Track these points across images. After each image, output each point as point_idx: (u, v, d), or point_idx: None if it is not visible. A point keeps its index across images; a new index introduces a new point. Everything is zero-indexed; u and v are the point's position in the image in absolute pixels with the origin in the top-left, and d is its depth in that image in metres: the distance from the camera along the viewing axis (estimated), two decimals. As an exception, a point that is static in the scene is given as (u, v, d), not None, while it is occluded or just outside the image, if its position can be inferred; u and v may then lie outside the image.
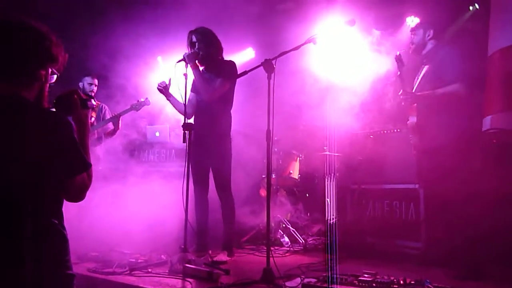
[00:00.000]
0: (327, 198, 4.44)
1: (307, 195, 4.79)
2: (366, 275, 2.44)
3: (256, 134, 3.76)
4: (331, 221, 4.16)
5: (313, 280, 2.46)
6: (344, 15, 4.50)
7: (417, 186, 3.41)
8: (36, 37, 1.49)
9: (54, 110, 1.62)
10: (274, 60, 2.74)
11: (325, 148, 4.47)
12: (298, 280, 2.56)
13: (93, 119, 4.99)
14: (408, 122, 3.27)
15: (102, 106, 5.08)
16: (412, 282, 2.33)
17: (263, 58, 2.82)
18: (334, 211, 4.09)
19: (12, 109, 1.41)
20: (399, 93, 3.24)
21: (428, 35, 3.32)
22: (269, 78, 2.71)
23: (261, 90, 3.01)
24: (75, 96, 1.67)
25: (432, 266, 2.99)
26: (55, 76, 1.64)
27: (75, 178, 1.47)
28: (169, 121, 5.50)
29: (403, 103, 3.22)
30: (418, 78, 3.32)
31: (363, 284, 2.31)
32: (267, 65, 2.71)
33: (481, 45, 4.45)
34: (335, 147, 4.47)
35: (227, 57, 3.71)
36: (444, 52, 3.20)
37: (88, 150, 1.64)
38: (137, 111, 4.95)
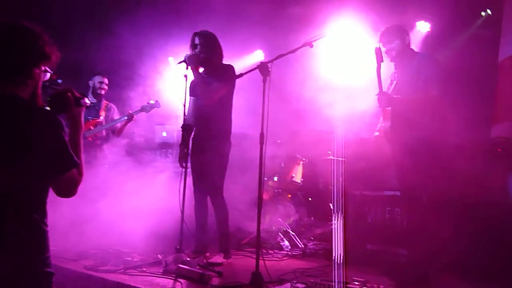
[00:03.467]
0: (330, 203, 4.40)
1: (310, 199, 4.76)
2: (356, 283, 2.42)
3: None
4: (333, 227, 4.13)
5: (302, 285, 2.44)
6: (353, 19, 4.49)
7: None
8: (30, 37, 1.53)
9: (48, 108, 1.66)
10: (270, 63, 2.73)
11: (329, 152, 4.44)
12: (289, 285, 2.55)
13: (101, 118, 5.07)
14: (381, 125, 3.15)
15: (111, 106, 5.15)
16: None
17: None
18: (337, 216, 4.04)
19: (6, 108, 1.45)
20: (376, 93, 3.07)
21: (408, 41, 3.21)
22: (264, 81, 2.71)
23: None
24: (69, 94, 1.69)
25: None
26: (48, 74, 1.68)
27: (64, 175, 1.51)
28: (177, 123, 5.55)
29: (378, 105, 3.05)
30: (391, 85, 3.20)
31: (350, 292, 2.28)
32: (263, 68, 2.70)
33: (492, 51, 4.35)
34: (340, 152, 4.43)
35: (236, 59, 3.73)
36: (421, 58, 3.11)
37: (80, 147, 1.67)
38: (147, 112, 5.00)
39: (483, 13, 4.70)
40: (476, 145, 3.58)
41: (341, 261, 3.42)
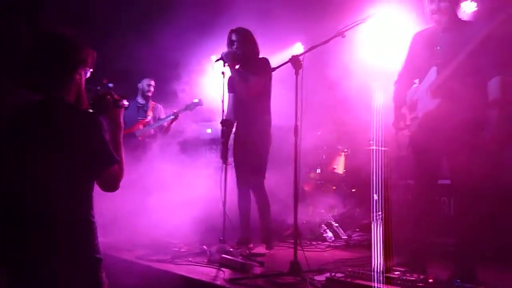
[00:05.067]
0: (374, 193, 4.33)
1: (353, 190, 4.71)
2: (396, 272, 2.40)
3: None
4: (377, 217, 4.07)
5: (339, 274, 2.46)
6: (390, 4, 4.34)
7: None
8: (66, 46, 1.69)
9: (91, 110, 1.82)
10: (302, 56, 2.76)
11: (371, 142, 4.36)
12: (328, 274, 2.58)
13: (149, 118, 5.35)
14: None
15: (157, 106, 5.42)
16: (442, 281, 2.24)
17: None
18: (381, 207, 3.99)
19: (53, 111, 1.62)
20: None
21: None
22: (296, 74, 2.75)
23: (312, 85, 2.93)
24: (108, 97, 1.84)
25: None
26: (89, 72, 1.83)
27: (106, 171, 1.65)
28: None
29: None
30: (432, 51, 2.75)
31: (389, 281, 2.27)
32: (295, 61, 2.74)
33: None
34: (382, 141, 4.34)
35: (277, 53, 3.78)
36: (485, 29, 2.49)
37: (120, 145, 1.80)
38: (191, 111, 5.22)
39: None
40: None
41: (383, 251, 3.38)
